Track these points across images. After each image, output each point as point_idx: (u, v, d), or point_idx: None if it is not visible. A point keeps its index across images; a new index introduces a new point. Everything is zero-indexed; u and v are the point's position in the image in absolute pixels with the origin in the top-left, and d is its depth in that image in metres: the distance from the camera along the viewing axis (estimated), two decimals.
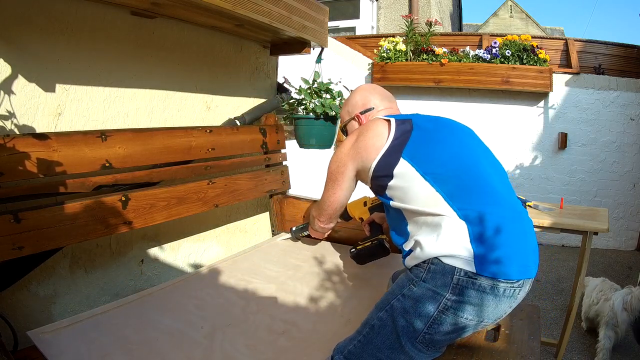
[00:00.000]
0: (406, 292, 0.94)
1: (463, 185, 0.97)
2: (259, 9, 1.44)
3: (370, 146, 1.10)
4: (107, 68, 1.40)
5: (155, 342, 1.11)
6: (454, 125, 1.15)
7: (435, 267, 0.90)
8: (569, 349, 2.12)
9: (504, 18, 12.48)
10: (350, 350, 0.97)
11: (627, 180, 3.97)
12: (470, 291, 0.86)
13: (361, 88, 1.36)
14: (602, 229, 1.78)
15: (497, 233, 0.89)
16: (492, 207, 0.93)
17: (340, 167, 1.19)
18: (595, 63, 4.21)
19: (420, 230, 0.98)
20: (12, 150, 1.04)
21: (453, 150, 1.05)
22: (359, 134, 1.16)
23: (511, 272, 0.87)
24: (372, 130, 1.12)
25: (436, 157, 1.02)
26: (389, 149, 1.06)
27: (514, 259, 0.89)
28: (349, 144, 1.17)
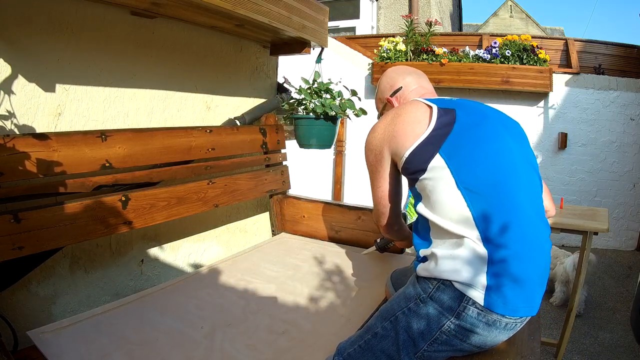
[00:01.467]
0: (412, 307, 0.91)
1: (496, 210, 0.88)
2: (259, 9, 1.44)
3: (408, 132, 0.98)
4: (107, 68, 1.40)
5: (155, 342, 1.11)
6: (500, 123, 1.02)
7: (445, 288, 0.87)
8: (569, 349, 2.12)
9: (504, 18, 12.48)
10: (350, 353, 0.97)
11: (627, 180, 3.97)
12: (474, 321, 0.85)
13: (387, 71, 1.27)
14: (602, 229, 1.78)
15: (516, 269, 0.85)
16: (519, 240, 0.87)
17: (377, 155, 1.07)
18: (595, 63, 4.20)
19: (441, 245, 0.91)
20: (12, 150, 1.04)
21: (494, 160, 0.93)
22: (394, 115, 1.04)
23: (518, 309, 0.86)
24: (411, 114, 1.01)
25: (475, 166, 0.92)
26: (427, 139, 0.95)
27: (524, 296, 0.86)
28: (382, 127, 1.05)
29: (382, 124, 1.06)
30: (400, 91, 1.19)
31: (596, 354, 2.10)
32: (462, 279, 0.85)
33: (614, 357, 2.08)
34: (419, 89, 1.18)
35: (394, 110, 1.07)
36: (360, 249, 1.84)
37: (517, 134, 1.04)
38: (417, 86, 1.19)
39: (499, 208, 0.88)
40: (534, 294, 0.89)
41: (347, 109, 1.84)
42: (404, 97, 1.18)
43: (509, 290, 0.84)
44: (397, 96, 1.20)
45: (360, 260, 1.71)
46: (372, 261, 1.72)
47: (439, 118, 0.97)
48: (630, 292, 2.85)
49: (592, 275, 2.89)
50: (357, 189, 4.51)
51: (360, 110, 1.86)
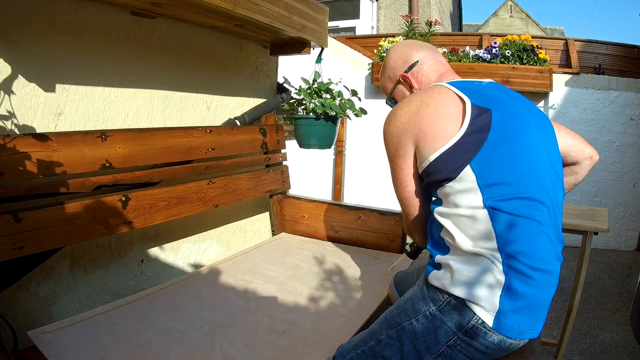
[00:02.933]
0: (420, 318, 0.87)
1: (521, 233, 0.82)
2: (259, 9, 1.44)
3: (439, 130, 0.86)
4: (107, 68, 1.40)
5: (155, 342, 1.11)
6: (537, 128, 0.91)
7: (457, 304, 0.83)
8: (569, 349, 2.12)
9: (504, 18, 12.48)
10: (352, 357, 0.95)
11: (627, 180, 3.97)
12: (480, 339, 0.82)
13: (396, 45, 1.12)
14: (602, 229, 1.78)
15: (531, 297, 0.82)
16: (538, 268, 0.82)
17: (399, 148, 0.93)
18: (595, 63, 4.20)
19: (459, 259, 0.85)
20: (12, 150, 1.04)
21: (526, 180, 0.85)
22: (421, 103, 0.90)
23: (524, 333, 0.84)
24: (442, 108, 0.88)
25: (506, 185, 0.83)
26: (458, 144, 0.84)
27: (532, 321, 0.84)
28: (406, 115, 0.90)
29: (405, 110, 0.91)
30: (416, 66, 1.04)
31: (596, 354, 2.10)
32: (476, 299, 0.81)
33: (614, 357, 2.08)
34: (438, 65, 1.05)
35: (419, 96, 0.92)
36: (360, 249, 1.84)
37: (551, 138, 0.95)
38: (435, 61, 1.05)
39: (523, 231, 0.82)
40: (542, 317, 0.86)
41: (347, 109, 1.84)
42: (422, 73, 1.05)
43: (519, 315, 0.82)
44: (413, 72, 1.05)
45: (360, 260, 1.71)
46: (372, 261, 1.72)
47: (474, 119, 0.85)
48: (630, 292, 2.85)
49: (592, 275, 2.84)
50: (357, 189, 4.51)
51: (360, 110, 1.86)
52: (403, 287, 1.25)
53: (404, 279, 1.27)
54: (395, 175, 0.97)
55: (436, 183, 0.88)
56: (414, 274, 1.25)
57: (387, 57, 1.12)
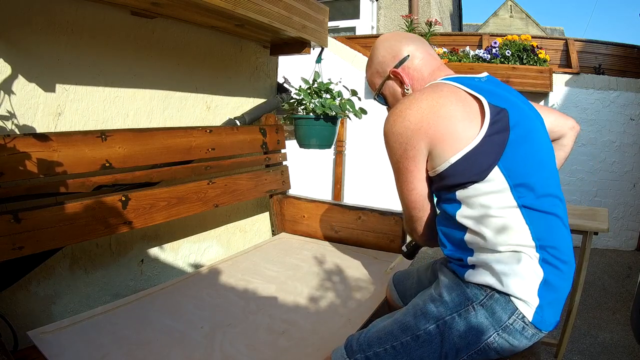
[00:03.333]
0: (463, 313, 0.84)
1: (551, 228, 0.84)
2: (259, 9, 1.44)
3: (458, 132, 0.83)
4: (107, 68, 1.40)
5: (155, 342, 1.11)
6: (542, 126, 0.94)
7: (499, 297, 0.82)
8: (569, 349, 2.12)
9: (504, 18, 12.48)
10: (378, 353, 0.88)
11: (627, 180, 3.97)
12: (517, 334, 0.82)
13: (381, 39, 1.05)
14: (602, 229, 1.78)
15: (562, 289, 0.84)
16: (567, 260, 0.85)
17: (409, 150, 0.87)
18: (595, 63, 4.20)
19: (495, 257, 0.83)
20: (12, 150, 1.04)
21: (546, 175, 0.87)
22: (434, 103, 0.84)
23: (552, 324, 0.85)
24: (459, 108, 0.84)
25: (533, 183, 0.84)
26: (481, 145, 0.82)
27: (557, 312, 0.85)
28: (416, 114, 0.85)
29: (415, 110, 0.85)
30: (407, 61, 0.99)
31: (596, 354, 2.10)
32: (518, 294, 0.81)
33: (614, 357, 2.08)
34: (429, 59, 1.01)
35: (429, 94, 0.86)
36: (360, 249, 1.84)
37: (544, 128, 0.97)
38: (426, 54, 1.01)
39: (551, 226, 0.85)
40: (562, 308, 0.87)
41: (347, 108, 1.84)
42: (414, 68, 1.00)
43: (552, 308, 0.83)
44: (404, 67, 1.00)
45: (360, 260, 1.71)
46: (372, 261, 1.72)
47: (494, 118, 0.83)
48: (630, 292, 2.85)
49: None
50: (357, 189, 4.51)
51: (360, 110, 1.86)
52: (403, 287, 1.24)
53: (403, 280, 1.26)
54: (403, 177, 0.92)
55: (456, 185, 0.85)
56: (413, 274, 1.24)
57: (375, 51, 1.05)
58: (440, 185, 0.89)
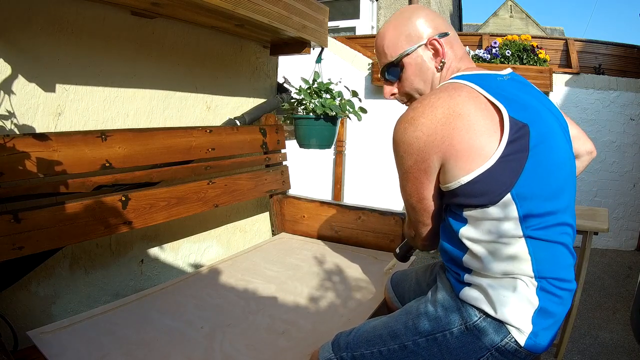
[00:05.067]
0: (455, 332, 0.83)
1: (555, 259, 0.81)
2: (259, 9, 1.44)
3: (476, 147, 0.75)
4: (107, 68, 1.40)
5: (155, 342, 1.11)
6: (561, 135, 0.85)
7: (492, 321, 0.81)
8: (569, 349, 2.12)
9: (504, 18, 12.49)
10: (364, 354, 0.89)
11: (627, 180, 3.97)
12: (510, 356, 0.81)
13: (417, 7, 0.94)
14: (602, 229, 1.78)
15: (558, 311, 0.82)
16: (566, 287, 0.82)
17: (420, 163, 0.81)
18: (595, 63, 4.21)
19: (490, 281, 0.81)
20: (12, 150, 1.04)
21: (560, 203, 0.81)
22: (450, 111, 0.76)
23: (548, 346, 0.83)
24: (478, 120, 0.76)
25: (544, 213, 0.78)
26: (497, 166, 0.75)
27: (554, 334, 0.84)
28: (430, 124, 0.77)
29: (429, 119, 0.77)
30: (448, 37, 0.89)
31: (596, 354, 2.10)
32: (511, 321, 0.79)
33: (614, 357, 2.08)
34: (461, 46, 0.93)
35: (444, 100, 0.78)
36: (360, 249, 1.84)
37: (569, 139, 0.90)
38: (459, 42, 0.93)
39: (556, 256, 0.81)
40: (559, 328, 0.86)
41: (347, 109, 1.84)
42: (451, 48, 0.90)
43: (547, 332, 0.81)
44: (448, 41, 0.89)
45: (360, 260, 1.71)
46: (372, 261, 1.72)
47: (513, 136, 0.75)
48: (630, 292, 2.85)
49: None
50: (357, 189, 4.51)
51: (360, 111, 1.86)
52: (401, 290, 1.24)
53: (401, 281, 1.25)
54: (412, 186, 0.86)
55: (464, 205, 0.80)
56: (412, 276, 1.23)
57: (408, 14, 0.92)
58: (451, 202, 0.85)
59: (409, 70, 0.92)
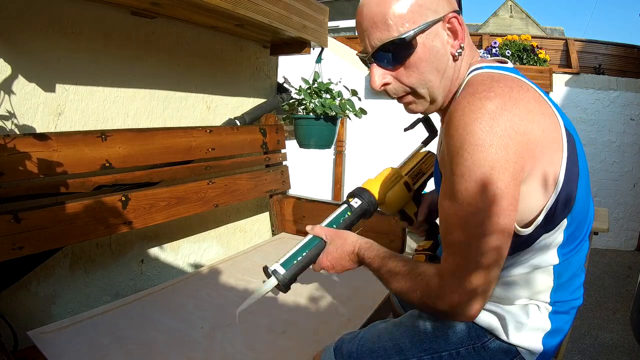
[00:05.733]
0: (462, 351, 0.78)
1: (572, 280, 0.75)
2: (259, 9, 1.44)
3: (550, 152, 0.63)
4: (107, 68, 1.40)
5: (155, 342, 1.11)
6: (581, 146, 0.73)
7: (502, 343, 0.77)
8: (569, 349, 2.12)
9: (504, 18, 12.48)
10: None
11: (627, 180, 3.97)
12: None
13: None
14: (602, 229, 1.78)
15: (566, 327, 0.79)
16: (577, 303, 0.79)
17: (510, 161, 0.59)
18: (595, 63, 4.21)
19: (506, 308, 0.77)
20: (12, 150, 1.04)
21: (586, 228, 0.74)
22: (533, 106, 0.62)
23: (550, 356, 0.82)
24: (548, 127, 0.63)
25: (578, 235, 0.71)
26: (565, 184, 0.64)
27: (558, 344, 0.82)
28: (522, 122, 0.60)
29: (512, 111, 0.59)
30: (460, 16, 0.71)
31: (596, 354, 2.10)
32: (522, 344, 0.76)
33: (614, 357, 2.08)
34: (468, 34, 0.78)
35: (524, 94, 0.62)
36: None
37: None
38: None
39: (573, 277, 0.76)
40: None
41: (347, 109, 1.84)
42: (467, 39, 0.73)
43: (553, 348, 0.80)
44: (461, 19, 0.70)
45: None
46: None
47: (570, 148, 0.65)
48: (630, 292, 2.85)
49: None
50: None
51: (360, 111, 1.86)
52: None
53: None
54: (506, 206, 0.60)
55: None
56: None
57: None
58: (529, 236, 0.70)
59: (422, 54, 0.68)
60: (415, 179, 0.98)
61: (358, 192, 0.91)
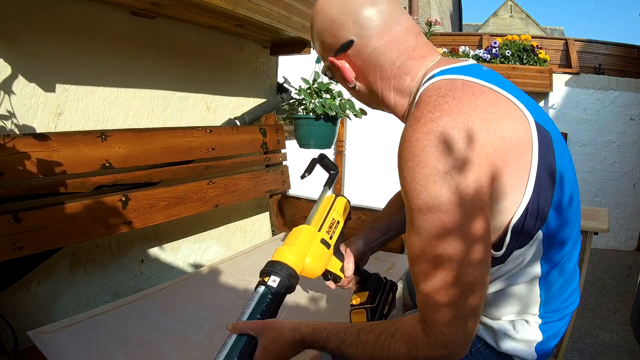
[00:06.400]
0: None
1: (563, 288, 0.73)
2: (259, 9, 1.44)
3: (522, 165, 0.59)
4: (107, 68, 1.40)
5: (155, 342, 1.11)
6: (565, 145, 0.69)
7: (494, 351, 0.77)
8: (569, 349, 2.12)
9: (504, 18, 12.49)
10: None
11: (627, 180, 3.97)
12: None
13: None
14: (602, 229, 1.78)
15: (560, 332, 0.77)
16: (571, 309, 0.77)
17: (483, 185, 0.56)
18: (595, 63, 4.21)
19: (491, 322, 0.75)
20: (12, 150, 1.04)
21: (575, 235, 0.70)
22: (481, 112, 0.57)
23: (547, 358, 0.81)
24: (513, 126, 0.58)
25: (565, 243, 0.67)
26: (535, 191, 0.59)
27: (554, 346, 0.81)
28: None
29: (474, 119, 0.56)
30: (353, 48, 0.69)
31: (596, 354, 2.10)
32: (515, 353, 0.75)
33: (614, 357, 2.08)
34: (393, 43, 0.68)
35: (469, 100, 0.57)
36: None
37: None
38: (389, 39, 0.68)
39: (564, 285, 0.73)
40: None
41: (347, 109, 1.84)
42: (368, 61, 0.69)
43: (549, 350, 0.79)
44: (354, 52, 0.69)
45: None
46: (373, 261, 1.71)
47: (542, 149, 0.60)
48: (630, 292, 2.85)
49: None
50: (357, 189, 4.50)
51: (360, 111, 1.86)
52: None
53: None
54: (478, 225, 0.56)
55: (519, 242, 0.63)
56: None
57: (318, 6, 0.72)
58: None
59: (339, 81, 0.78)
60: (331, 232, 0.86)
61: (272, 268, 0.78)
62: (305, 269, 0.81)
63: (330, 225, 0.87)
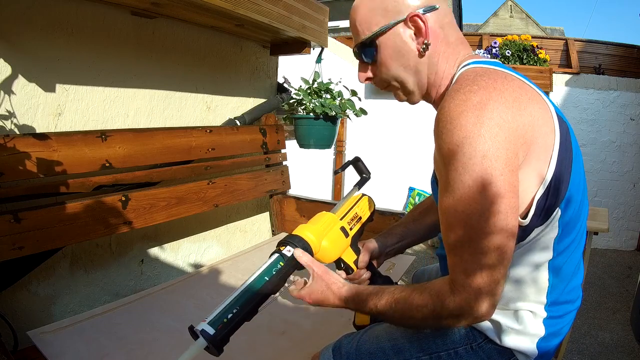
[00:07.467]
0: (460, 352, 0.78)
1: (569, 277, 0.74)
2: (259, 9, 1.44)
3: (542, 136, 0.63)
4: (107, 68, 1.40)
5: (155, 342, 1.11)
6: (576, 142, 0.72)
7: (496, 346, 0.77)
8: (569, 349, 2.12)
9: (504, 18, 12.49)
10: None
11: (627, 180, 3.97)
12: None
13: None
14: (602, 229, 1.78)
15: (563, 329, 0.77)
16: (576, 304, 0.78)
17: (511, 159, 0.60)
18: (595, 63, 4.21)
19: (498, 312, 0.75)
20: (12, 150, 1.04)
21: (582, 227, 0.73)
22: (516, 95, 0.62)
23: (550, 357, 0.81)
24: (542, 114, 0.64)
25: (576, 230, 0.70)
26: (556, 174, 0.64)
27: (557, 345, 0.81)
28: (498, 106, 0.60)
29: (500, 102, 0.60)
30: (435, 12, 0.72)
31: (596, 354, 2.10)
32: (517, 348, 0.75)
33: (614, 357, 2.08)
34: (455, 25, 0.76)
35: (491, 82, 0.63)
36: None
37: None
38: (453, 24, 0.76)
39: (571, 275, 0.75)
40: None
41: (347, 109, 1.84)
42: (441, 26, 0.73)
43: (552, 349, 0.79)
44: (437, 18, 0.72)
45: None
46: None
47: (562, 137, 0.65)
48: (630, 292, 2.85)
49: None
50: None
51: (360, 111, 1.86)
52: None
53: (421, 279, 1.22)
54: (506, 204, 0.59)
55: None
56: (432, 273, 1.20)
57: None
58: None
59: (385, 53, 0.75)
60: (352, 224, 0.91)
61: (290, 239, 0.82)
62: (320, 250, 0.84)
63: (352, 218, 0.92)
